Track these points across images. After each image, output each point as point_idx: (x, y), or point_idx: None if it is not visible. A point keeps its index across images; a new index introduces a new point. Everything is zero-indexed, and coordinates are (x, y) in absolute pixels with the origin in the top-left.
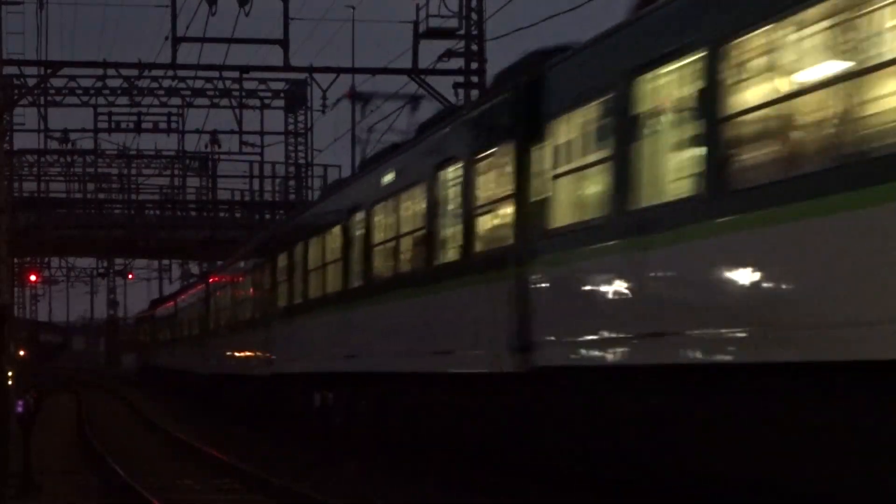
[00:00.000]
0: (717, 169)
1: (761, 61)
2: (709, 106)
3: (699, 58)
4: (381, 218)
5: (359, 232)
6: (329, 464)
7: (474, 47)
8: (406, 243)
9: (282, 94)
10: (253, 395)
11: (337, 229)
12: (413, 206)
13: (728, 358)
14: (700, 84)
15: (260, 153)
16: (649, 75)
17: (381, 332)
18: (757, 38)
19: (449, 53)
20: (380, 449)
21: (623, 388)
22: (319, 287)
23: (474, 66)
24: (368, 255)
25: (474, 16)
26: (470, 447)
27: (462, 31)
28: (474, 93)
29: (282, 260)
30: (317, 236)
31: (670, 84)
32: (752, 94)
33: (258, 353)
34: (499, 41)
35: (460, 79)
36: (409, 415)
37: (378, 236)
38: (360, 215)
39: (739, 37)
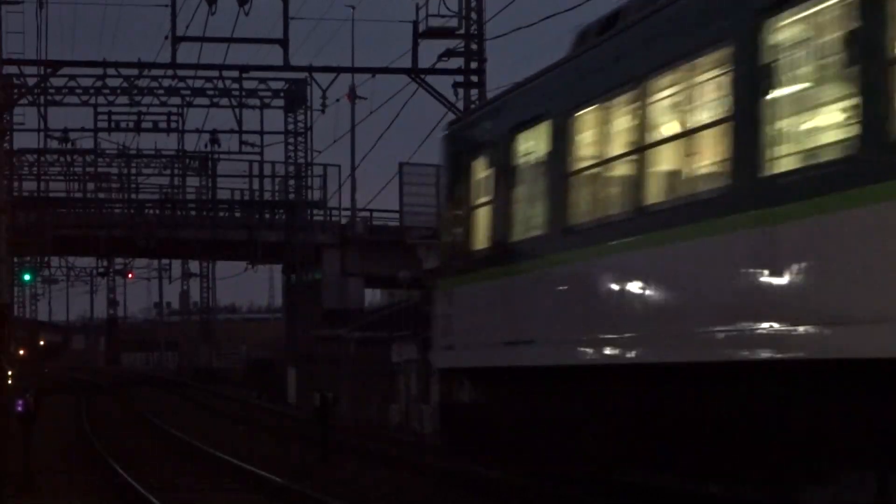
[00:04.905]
0: None
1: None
2: None
3: None
4: None
5: None
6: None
7: (474, 46)
8: None
9: (282, 94)
10: None
11: None
12: None
13: None
14: None
15: (260, 153)
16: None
17: None
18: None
19: (449, 53)
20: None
21: None
22: None
23: (474, 65)
24: None
25: (474, 15)
26: None
27: (462, 31)
28: (474, 92)
29: None
30: None
31: None
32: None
33: None
34: (498, 41)
35: (460, 78)
36: None
37: None
38: None
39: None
